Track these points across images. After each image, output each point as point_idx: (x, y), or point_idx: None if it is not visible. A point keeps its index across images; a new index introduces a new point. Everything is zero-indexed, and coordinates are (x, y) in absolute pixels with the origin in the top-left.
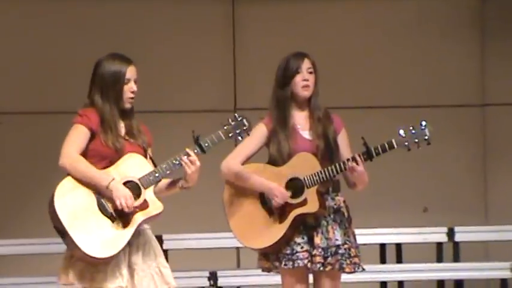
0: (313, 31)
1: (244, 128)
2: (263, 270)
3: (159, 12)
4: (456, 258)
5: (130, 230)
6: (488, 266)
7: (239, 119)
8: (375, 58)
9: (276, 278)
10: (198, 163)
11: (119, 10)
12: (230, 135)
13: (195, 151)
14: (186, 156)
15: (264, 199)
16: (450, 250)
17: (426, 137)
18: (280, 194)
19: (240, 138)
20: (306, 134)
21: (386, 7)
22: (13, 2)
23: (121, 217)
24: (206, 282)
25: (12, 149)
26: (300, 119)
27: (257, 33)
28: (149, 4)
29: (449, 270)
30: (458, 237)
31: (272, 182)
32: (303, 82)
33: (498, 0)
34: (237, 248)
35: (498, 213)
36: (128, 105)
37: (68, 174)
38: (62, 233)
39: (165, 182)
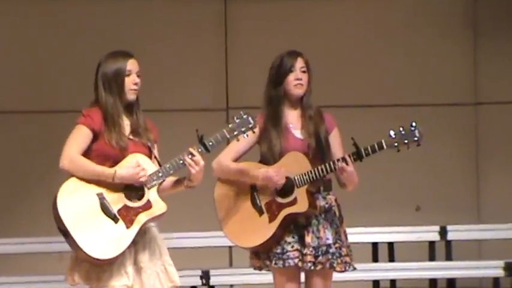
0: (305, 30)
1: (250, 125)
2: (254, 269)
3: (152, 12)
4: (449, 257)
5: (133, 230)
6: (480, 265)
7: (244, 117)
8: (368, 57)
9: (268, 277)
10: (202, 163)
11: (113, 10)
12: (235, 133)
13: (199, 150)
14: (190, 156)
15: (254, 198)
16: (443, 249)
17: (416, 138)
18: (277, 176)
19: (245, 136)
20: (298, 133)
21: (379, 6)
22: (9, 2)
23: (124, 218)
24: (198, 281)
25: (7, 148)
26: (292, 118)
27: (249, 32)
28: (141, 4)
29: (441, 269)
30: (450, 236)
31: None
32: (296, 81)
33: (490, 0)
34: (230, 247)
35: (491, 211)
36: (131, 96)
37: (71, 176)
38: (65, 234)
39: (170, 180)
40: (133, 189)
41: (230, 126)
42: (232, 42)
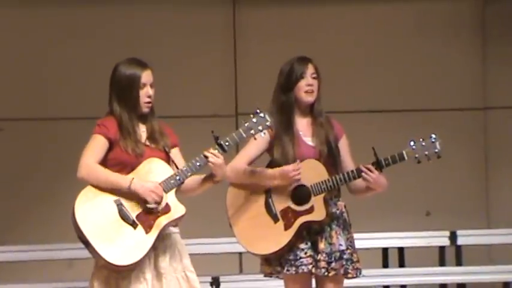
0: (314, 36)
1: (267, 123)
2: (265, 276)
3: (160, 17)
4: (459, 262)
5: (153, 234)
6: (491, 270)
7: (261, 115)
8: (377, 62)
9: (278, 283)
10: (220, 160)
11: (120, 16)
12: (251, 132)
13: (216, 151)
14: (207, 159)
15: (269, 204)
16: (453, 254)
17: (436, 150)
18: (294, 171)
19: (262, 134)
20: (308, 140)
21: (387, 11)
22: (15, 7)
23: (143, 223)
24: None
25: (17, 155)
26: (302, 125)
27: (258, 38)
28: (150, 10)
29: (452, 274)
30: (460, 241)
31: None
32: (307, 87)
33: (499, 5)
34: (240, 253)
35: (500, 216)
36: (145, 110)
37: (86, 184)
38: (85, 243)
39: (196, 179)
40: None
41: (247, 125)
42: (241, 47)
